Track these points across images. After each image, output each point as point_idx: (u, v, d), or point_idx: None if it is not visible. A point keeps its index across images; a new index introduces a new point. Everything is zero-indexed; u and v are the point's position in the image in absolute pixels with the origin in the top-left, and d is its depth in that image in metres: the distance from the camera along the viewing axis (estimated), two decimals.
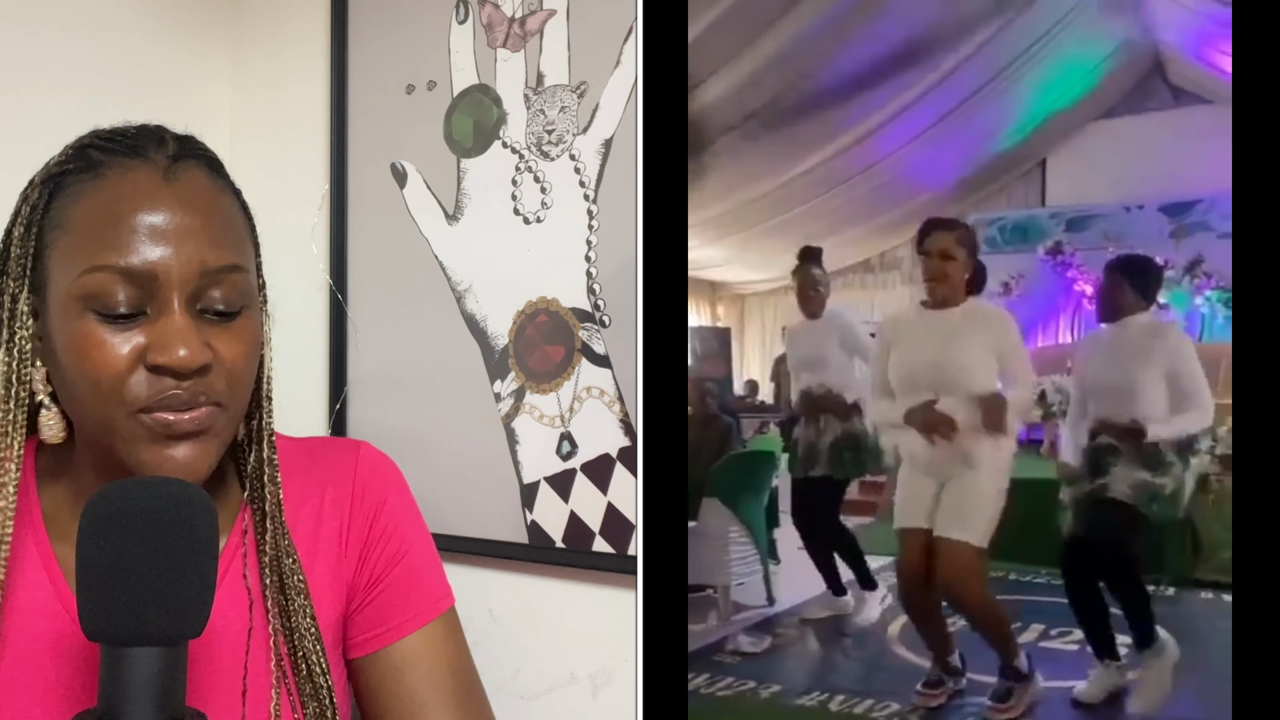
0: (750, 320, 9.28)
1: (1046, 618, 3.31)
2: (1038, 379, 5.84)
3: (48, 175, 0.78)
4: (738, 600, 3.58)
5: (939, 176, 7.20)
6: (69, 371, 0.74)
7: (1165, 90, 7.15)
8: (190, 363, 0.73)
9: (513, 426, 1.24)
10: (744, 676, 2.84)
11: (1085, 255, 7.06)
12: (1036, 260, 7.29)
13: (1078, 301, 7.18)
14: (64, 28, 1.29)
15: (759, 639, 3.22)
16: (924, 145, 6.60)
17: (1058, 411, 5.70)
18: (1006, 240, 7.55)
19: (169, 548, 0.61)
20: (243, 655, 0.83)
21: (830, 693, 2.68)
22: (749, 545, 3.58)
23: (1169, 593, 3.50)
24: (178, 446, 0.75)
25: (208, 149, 0.82)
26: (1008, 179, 7.88)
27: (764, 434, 5.39)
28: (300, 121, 1.43)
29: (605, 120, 1.18)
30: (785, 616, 3.52)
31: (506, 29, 1.25)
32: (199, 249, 0.75)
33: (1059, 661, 2.87)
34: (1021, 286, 7.26)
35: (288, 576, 0.85)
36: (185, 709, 0.62)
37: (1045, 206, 7.69)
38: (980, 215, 7.67)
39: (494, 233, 1.26)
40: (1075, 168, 7.55)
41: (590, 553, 1.19)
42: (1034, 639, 3.13)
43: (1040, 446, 5.81)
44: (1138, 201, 7.01)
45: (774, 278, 9.03)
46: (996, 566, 3.89)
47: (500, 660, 1.20)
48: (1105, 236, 6.93)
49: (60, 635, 0.78)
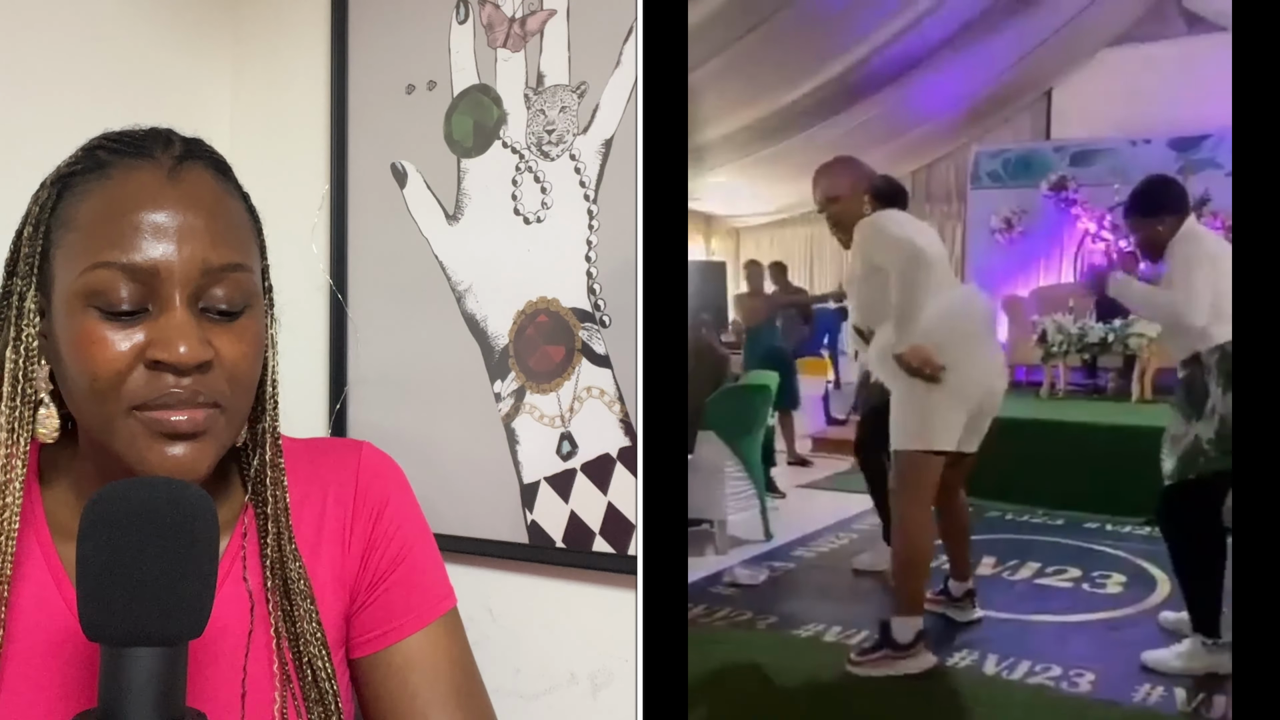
0: (745, 254, 9.00)
1: (1042, 556, 3.43)
2: (1039, 317, 5.81)
3: (57, 176, 0.79)
4: (734, 535, 3.60)
5: (940, 106, 6.90)
6: (70, 368, 0.75)
7: (1178, 17, 6.80)
8: (190, 359, 0.73)
9: (513, 426, 1.24)
10: (741, 608, 2.89)
11: (1090, 191, 6.85)
12: (1039, 196, 7.06)
13: (1081, 239, 6.99)
14: (64, 28, 1.29)
15: (756, 571, 3.25)
16: (925, 72, 6.31)
17: (1059, 352, 5.64)
18: (1010, 174, 7.31)
19: (169, 548, 0.61)
20: (243, 659, 0.83)
21: (827, 625, 2.72)
22: (745, 480, 3.60)
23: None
24: (176, 446, 0.75)
25: (215, 151, 0.83)
26: (1011, 110, 7.54)
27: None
28: (300, 121, 1.43)
29: (605, 120, 1.18)
30: (783, 551, 3.57)
31: (506, 29, 1.25)
32: (201, 247, 0.75)
33: (1056, 597, 2.95)
34: (1024, 223, 7.08)
35: (292, 581, 0.85)
36: (186, 709, 0.62)
37: (1050, 140, 7.40)
38: (983, 148, 7.44)
39: (494, 233, 1.26)
40: (1082, 99, 7.25)
41: (590, 553, 1.19)
42: (1030, 576, 3.20)
43: (1040, 389, 5.75)
44: (1145, 135, 6.73)
45: (769, 211, 8.86)
46: (993, 506, 4.04)
47: (500, 660, 1.20)
48: (1111, 172, 6.68)
49: (63, 633, 0.78)
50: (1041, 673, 2.36)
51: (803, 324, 6.20)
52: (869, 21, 5.63)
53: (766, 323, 5.53)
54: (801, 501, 4.09)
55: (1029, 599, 2.94)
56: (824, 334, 7.34)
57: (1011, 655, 2.46)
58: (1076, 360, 5.82)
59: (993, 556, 3.40)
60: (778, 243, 9.22)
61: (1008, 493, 4.07)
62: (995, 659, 2.45)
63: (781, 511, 4.02)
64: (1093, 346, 5.64)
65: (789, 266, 7.47)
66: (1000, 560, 3.36)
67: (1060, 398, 5.64)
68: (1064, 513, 3.94)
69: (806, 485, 4.84)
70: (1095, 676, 2.33)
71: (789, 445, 5.35)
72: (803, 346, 6.49)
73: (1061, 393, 5.74)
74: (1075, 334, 5.62)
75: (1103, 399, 5.59)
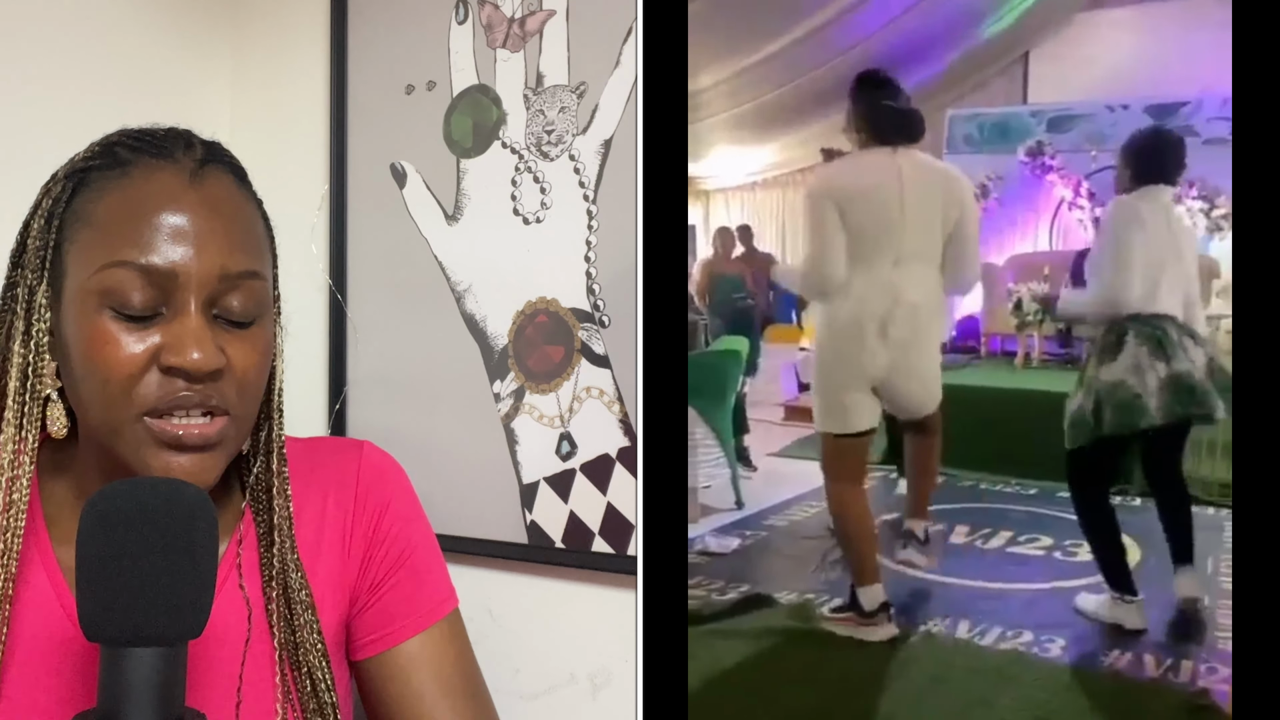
0: (715, 219, 8.94)
1: (1015, 525, 3.48)
2: (1014, 286, 5.76)
3: (72, 169, 0.78)
4: (705, 503, 3.60)
5: (914, 67, 6.65)
6: (79, 368, 0.74)
7: None
8: (203, 365, 0.72)
9: (512, 427, 1.24)
10: (713, 576, 2.91)
11: (1066, 158, 6.71)
12: (1016, 162, 6.89)
13: (1057, 207, 6.86)
14: (64, 27, 1.29)
15: (727, 540, 3.25)
16: (898, 32, 6.15)
17: (1034, 320, 5.57)
18: (985, 139, 7.11)
19: (168, 547, 0.61)
20: (239, 668, 0.82)
21: (799, 592, 2.74)
22: (716, 448, 3.60)
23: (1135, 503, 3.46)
24: (183, 455, 0.74)
25: (233, 156, 0.82)
26: (988, 73, 7.36)
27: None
28: (300, 121, 1.43)
29: (605, 120, 1.18)
30: (754, 519, 3.58)
31: (506, 29, 1.25)
32: (220, 253, 0.75)
33: (1027, 565, 3.01)
34: (1000, 189, 6.92)
35: (294, 591, 0.84)
36: (185, 710, 0.62)
37: (1026, 104, 7.25)
38: (957, 111, 7.23)
39: (493, 233, 1.26)
40: (1059, 62, 7.08)
41: (590, 553, 1.19)
42: (1002, 545, 3.25)
43: (1014, 358, 5.69)
44: (1122, 101, 6.58)
45: (738, 174, 8.71)
46: (966, 476, 4.08)
47: (500, 660, 1.20)
48: (1088, 139, 6.56)
49: (60, 639, 0.78)
50: (1013, 638, 2.40)
51: (769, 289, 6.13)
52: None
53: (734, 288, 5.43)
54: (773, 468, 4.06)
55: (1001, 566, 2.99)
56: (794, 300, 7.23)
57: (983, 621, 2.50)
58: (1051, 329, 5.74)
59: (966, 525, 3.44)
60: (748, 206, 9.04)
61: (981, 462, 4.08)
62: (967, 625, 2.49)
63: (753, 480, 4.01)
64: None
65: (755, 231, 7.35)
66: (974, 529, 3.41)
67: (1034, 367, 5.57)
68: (1037, 483, 3.95)
69: (776, 454, 4.82)
70: (1065, 642, 2.37)
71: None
72: (772, 313, 6.37)
73: (1036, 362, 5.67)
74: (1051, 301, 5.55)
75: (1077, 369, 5.53)
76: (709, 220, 9.00)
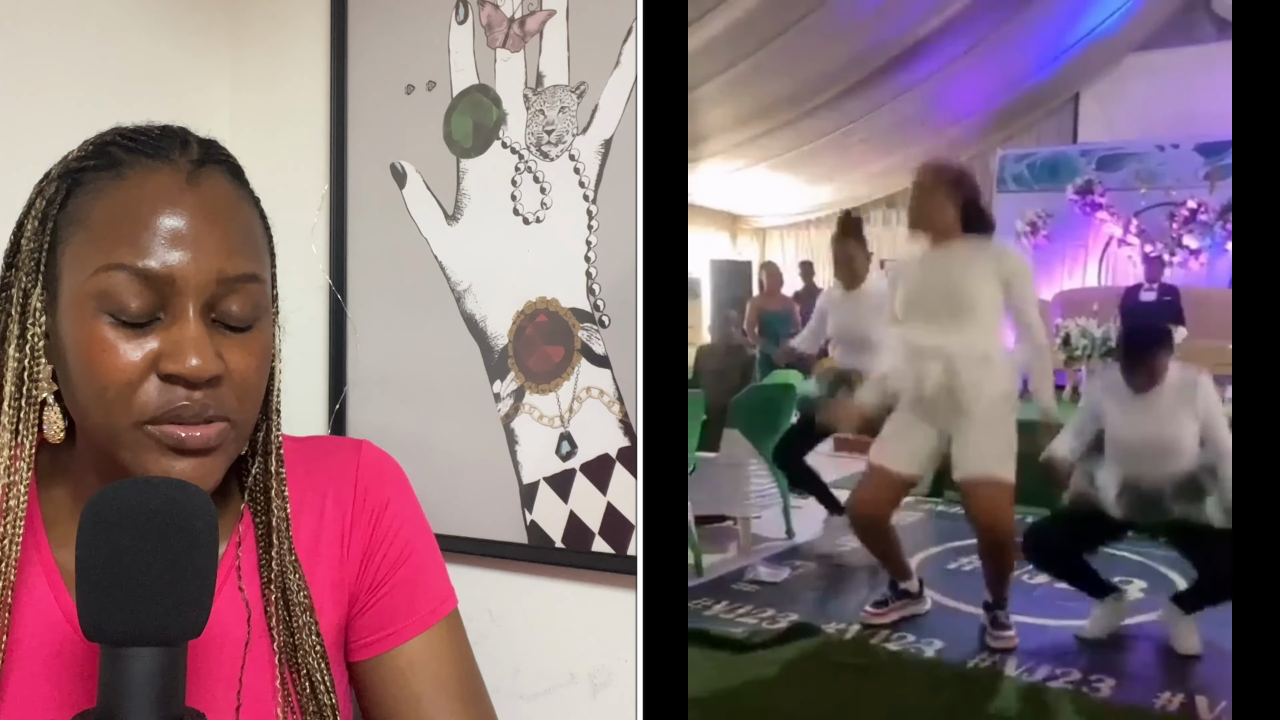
0: (770, 254, 9.16)
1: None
2: (1062, 321, 5.80)
3: (66, 170, 0.76)
4: (757, 532, 3.62)
5: (966, 110, 6.91)
6: (77, 374, 0.73)
7: (1208, 22, 6.77)
8: (202, 373, 0.71)
9: (512, 427, 1.24)
10: (763, 605, 2.90)
11: (1115, 196, 6.86)
12: (1065, 200, 7.06)
13: (1106, 244, 7.01)
14: (64, 27, 1.29)
15: (778, 569, 3.26)
16: (951, 77, 6.32)
17: (1082, 355, 5.60)
18: (1035, 178, 7.31)
19: (168, 547, 0.61)
20: (239, 671, 0.82)
21: (847, 623, 2.74)
22: (768, 478, 3.62)
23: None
24: (184, 460, 0.73)
25: (230, 155, 0.81)
26: (1038, 114, 7.58)
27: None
28: (300, 121, 1.43)
29: (605, 120, 1.18)
30: (805, 549, 3.58)
31: (506, 29, 1.25)
32: (217, 256, 0.73)
33: (1075, 603, 2.89)
34: (1049, 226, 7.07)
35: (292, 593, 0.83)
36: (185, 710, 0.62)
37: (1076, 143, 7.41)
38: (1008, 151, 7.44)
39: (493, 233, 1.26)
40: (1109, 103, 7.25)
41: (590, 553, 1.19)
42: (1049, 580, 3.09)
43: (1062, 391, 5.65)
44: (1173, 140, 6.72)
45: (794, 212, 8.90)
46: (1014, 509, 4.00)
47: (500, 660, 1.20)
48: (1137, 177, 6.71)
49: (59, 643, 0.77)
50: (1061, 677, 2.36)
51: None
52: (898, 24, 5.64)
53: (781, 323, 5.51)
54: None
55: (1048, 603, 2.91)
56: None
57: (1031, 660, 2.46)
58: (1100, 365, 5.81)
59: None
60: (803, 243, 9.24)
61: (1030, 496, 4.03)
62: (1014, 662, 2.45)
63: (804, 510, 4.02)
64: (1117, 351, 5.61)
65: (816, 267, 7.49)
66: (1019, 564, 3.34)
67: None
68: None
69: (831, 484, 4.83)
70: (1115, 682, 2.33)
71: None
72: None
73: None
74: (1099, 338, 5.62)
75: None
76: (763, 256, 9.18)
